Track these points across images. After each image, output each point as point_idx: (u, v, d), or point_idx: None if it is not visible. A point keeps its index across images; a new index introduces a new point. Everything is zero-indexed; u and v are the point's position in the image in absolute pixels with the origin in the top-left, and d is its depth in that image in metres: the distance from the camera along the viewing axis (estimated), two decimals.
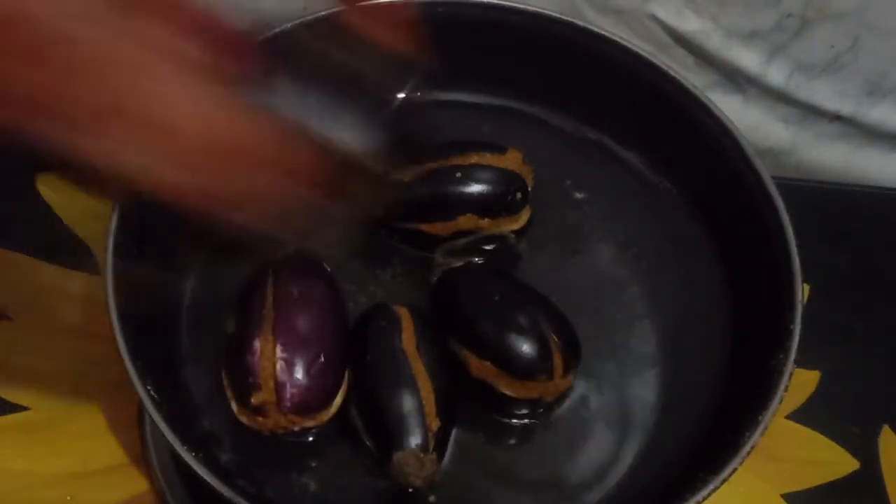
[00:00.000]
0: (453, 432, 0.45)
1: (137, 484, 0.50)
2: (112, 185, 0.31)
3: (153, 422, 0.41)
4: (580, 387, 0.47)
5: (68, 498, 0.49)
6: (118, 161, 0.29)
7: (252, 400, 0.43)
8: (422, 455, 0.42)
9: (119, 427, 0.51)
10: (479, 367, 0.45)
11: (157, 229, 0.48)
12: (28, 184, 0.58)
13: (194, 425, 0.45)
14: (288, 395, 0.43)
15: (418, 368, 0.44)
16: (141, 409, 0.51)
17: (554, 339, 0.44)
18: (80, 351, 0.53)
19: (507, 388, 0.44)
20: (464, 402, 0.45)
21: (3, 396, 0.52)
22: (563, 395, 0.46)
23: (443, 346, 0.46)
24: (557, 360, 0.44)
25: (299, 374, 0.43)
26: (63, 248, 0.56)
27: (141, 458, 0.50)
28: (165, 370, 0.45)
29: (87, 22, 0.28)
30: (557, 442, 0.46)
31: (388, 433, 0.43)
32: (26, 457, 0.50)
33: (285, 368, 0.43)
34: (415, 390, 0.43)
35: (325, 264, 0.47)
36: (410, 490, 0.43)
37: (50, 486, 0.50)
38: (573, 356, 0.45)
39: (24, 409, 0.52)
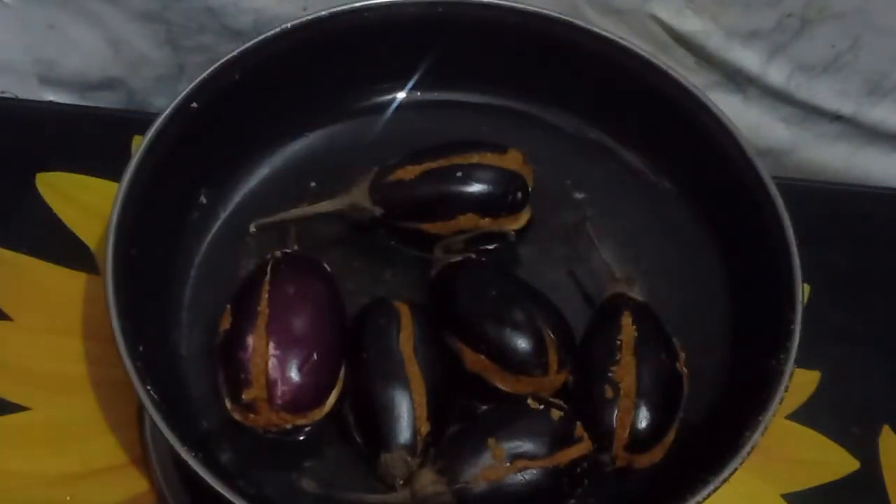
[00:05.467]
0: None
1: (137, 484, 0.50)
2: None
3: (153, 422, 0.41)
4: None
5: (68, 498, 0.49)
6: None
7: (243, 396, 0.43)
8: (409, 458, 0.42)
9: (119, 427, 0.51)
10: (474, 361, 0.45)
11: (157, 229, 0.48)
12: (28, 184, 0.58)
13: (194, 425, 0.45)
14: (279, 393, 0.42)
15: (413, 371, 0.44)
16: (141, 409, 0.51)
17: (549, 335, 0.44)
18: (80, 351, 0.53)
19: (501, 383, 0.44)
20: (458, 396, 0.45)
21: (3, 396, 0.52)
22: (557, 393, 0.46)
23: (441, 346, 0.46)
24: (552, 356, 0.44)
25: (291, 371, 0.43)
26: (63, 248, 0.56)
27: (141, 458, 0.50)
28: (165, 370, 0.45)
29: None
30: None
31: (378, 433, 0.43)
32: (26, 457, 0.50)
33: (277, 366, 0.43)
34: (407, 392, 0.43)
35: (324, 263, 0.48)
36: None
37: (50, 486, 0.50)
38: (568, 353, 0.45)
39: (25, 409, 0.51)
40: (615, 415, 0.43)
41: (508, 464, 0.41)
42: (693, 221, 0.52)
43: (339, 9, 0.52)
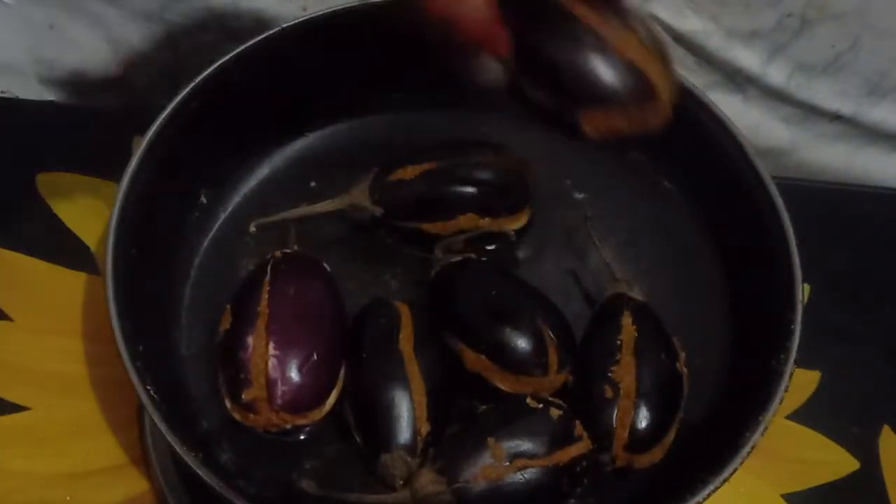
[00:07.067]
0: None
1: (137, 484, 0.50)
2: None
3: (153, 422, 0.41)
4: None
5: (68, 498, 0.49)
6: None
7: (243, 396, 0.43)
8: (409, 459, 0.42)
9: (119, 427, 0.51)
10: (474, 360, 0.45)
11: (157, 229, 0.48)
12: (28, 184, 0.58)
13: (194, 425, 0.45)
14: (279, 393, 0.43)
15: (413, 371, 0.44)
16: (141, 409, 0.51)
17: (550, 335, 0.44)
18: (80, 351, 0.53)
19: (501, 383, 0.44)
20: (458, 396, 0.45)
21: (3, 396, 0.52)
22: (557, 392, 0.46)
23: (442, 346, 0.46)
24: (552, 357, 0.44)
25: (291, 371, 0.43)
26: (63, 248, 0.56)
27: (141, 459, 0.50)
28: (165, 370, 0.45)
29: None
30: None
31: (378, 434, 0.43)
32: (26, 457, 0.50)
33: (277, 366, 0.43)
34: (407, 392, 0.43)
35: (324, 263, 0.48)
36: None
37: (50, 486, 0.50)
38: (568, 353, 0.45)
39: (25, 409, 0.52)
40: (615, 415, 0.43)
41: (508, 463, 0.41)
42: (693, 221, 0.52)
43: (339, 9, 0.52)
